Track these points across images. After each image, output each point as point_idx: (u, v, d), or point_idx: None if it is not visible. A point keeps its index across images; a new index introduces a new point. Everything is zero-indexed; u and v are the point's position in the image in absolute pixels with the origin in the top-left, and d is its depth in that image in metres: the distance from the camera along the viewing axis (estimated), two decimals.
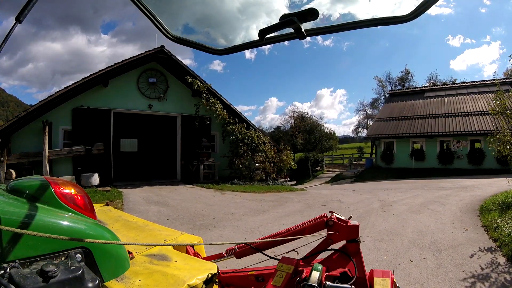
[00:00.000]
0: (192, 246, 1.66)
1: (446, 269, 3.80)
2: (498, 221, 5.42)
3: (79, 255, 0.78)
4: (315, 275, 1.16)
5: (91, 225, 0.89)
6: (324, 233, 1.49)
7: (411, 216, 6.49)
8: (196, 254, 1.65)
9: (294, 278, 1.22)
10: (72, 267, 0.71)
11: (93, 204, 2.47)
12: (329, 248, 1.45)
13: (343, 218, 1.45)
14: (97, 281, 0.73)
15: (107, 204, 2.76)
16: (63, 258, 0.76)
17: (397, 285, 1.25)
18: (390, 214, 6.70)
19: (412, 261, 4.01)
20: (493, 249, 4.48)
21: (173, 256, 1.44)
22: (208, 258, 1.70)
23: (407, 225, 5.82)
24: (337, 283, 1.28)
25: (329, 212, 1.49)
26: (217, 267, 1.33)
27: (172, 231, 1.87)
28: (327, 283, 1.20)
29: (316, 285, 1.12)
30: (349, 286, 1.25)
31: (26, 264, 0.70)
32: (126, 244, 1.47)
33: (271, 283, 1.22)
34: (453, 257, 4.19)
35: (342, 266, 1.33)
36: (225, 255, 1.69)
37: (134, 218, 2.33)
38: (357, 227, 1.40)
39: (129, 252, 1.43)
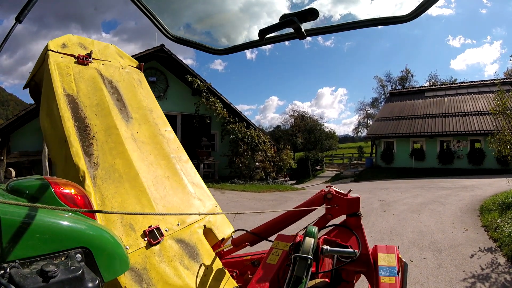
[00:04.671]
0: (221, 242, 1.61)
1: (446, 269, 3.80)
2: (498, 221, 5.42)
3: (79, 255, 0.78)
4: (309, 242, 1.03)
5: (91, 225, 0.89)
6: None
7: (411, 216, 6.49)
8: (221, 252, 1.61)
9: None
10: (72, 267, 0.71)
11: (123, 53, 2.23)
12: (329, 224, 1.38)
13: (342, 191, 1.37)
14: (97, 281, 0.73)
15: (139, 67, 2.13)
16: (63, 258, 0.76)
17: (404, 260, 1.19)
18: (390, 214, 6.70)
19: (412, 261, 4.01)
20: (493, 249, 4.48)
21: (204, 256, 1.37)
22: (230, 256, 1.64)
23: (407, 225, 5.82)
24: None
25: (327, 186, 1.42)
26: None
27: (207, 198, 1.74)
28: (325, 247, 1.12)
29: (310, 256, 0.99)
30: (350, 246, 1.20)
31: (26, 264, 0.70)
32: (136, 214, 1.33)
33: (266, 261, 1.14)
34: (453, 257, 4.19)
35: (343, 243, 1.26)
36: (248, 244, 1.63)
37: (168, 127, 2.01)
38: (357, 199, 1.32)
39: (158, 229, 1.31)
